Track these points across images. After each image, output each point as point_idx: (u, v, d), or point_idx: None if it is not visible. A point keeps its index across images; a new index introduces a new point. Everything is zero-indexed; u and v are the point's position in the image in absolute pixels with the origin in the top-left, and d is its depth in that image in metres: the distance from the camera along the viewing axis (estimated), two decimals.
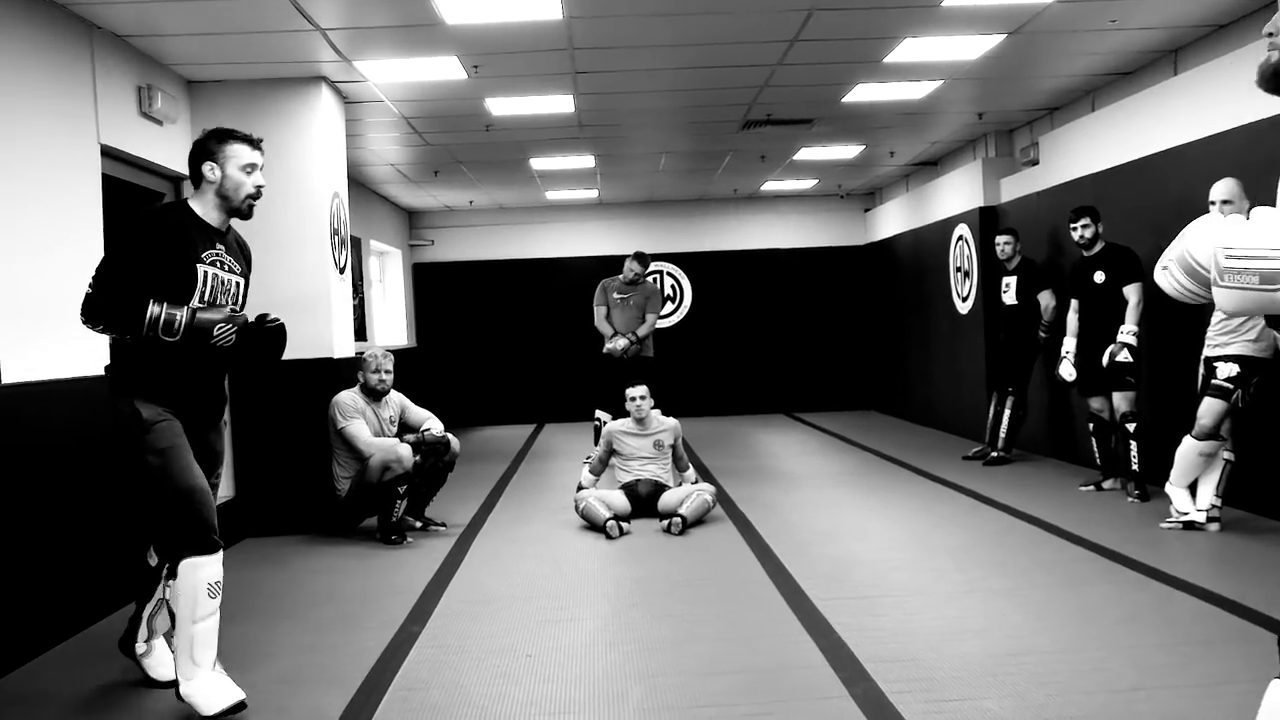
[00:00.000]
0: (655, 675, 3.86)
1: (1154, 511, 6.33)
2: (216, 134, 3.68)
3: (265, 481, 6.79)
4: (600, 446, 7.14)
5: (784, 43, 6.58)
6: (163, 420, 3.54)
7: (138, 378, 3.58)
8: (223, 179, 3.61)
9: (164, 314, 3.44)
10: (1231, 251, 1.99)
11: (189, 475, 3.52)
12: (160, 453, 3.52)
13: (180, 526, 3.52)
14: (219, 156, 3.62)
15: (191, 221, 3.60)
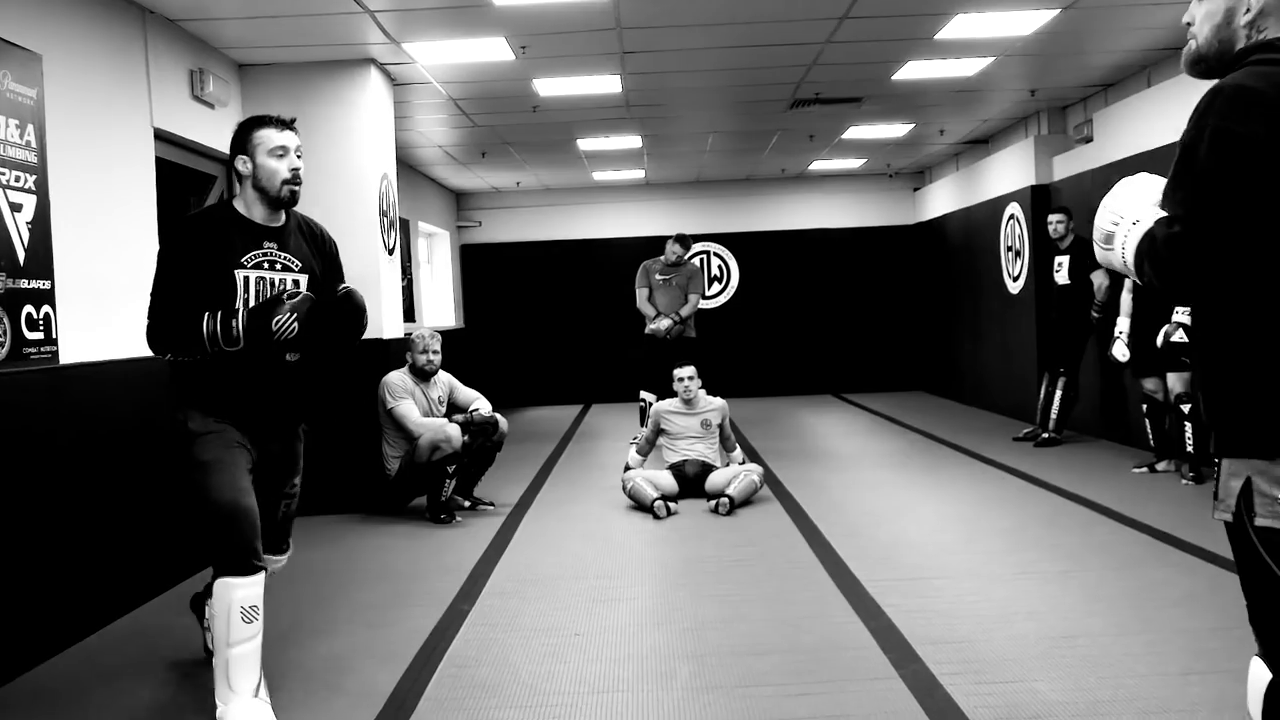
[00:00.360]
0: (703, 655, 3.87)
1: (1208, 494, 6.23)
2: (244, 124, 3.45)
3: (315, 461, 6.82)
4: (648, 427, 7.15)
5: (833, 20, 6.52)
6: (210, 433, 3.32)
7: (190, 387, 3.40)
8: (255, 169, 3.37)
9: (218, 326, 3.23)
10: (1098, 214, 2.10)
11: (228, 491, 3.26)
12: (201, 466, 3.30)
13: (215, 545, 3.29)
14: (248, 146, 3.38)
15: (232, 223, 3.35)
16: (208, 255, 3.28)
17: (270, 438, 3.48)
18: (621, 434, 10.17)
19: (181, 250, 3.30)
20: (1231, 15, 2.03)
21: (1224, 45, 2.06)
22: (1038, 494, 6.62)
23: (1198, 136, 1.90)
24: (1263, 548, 1.93)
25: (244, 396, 3.38)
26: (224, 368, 3.31)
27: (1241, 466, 1.93)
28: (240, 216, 3.38)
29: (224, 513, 3.25)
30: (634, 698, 3.49)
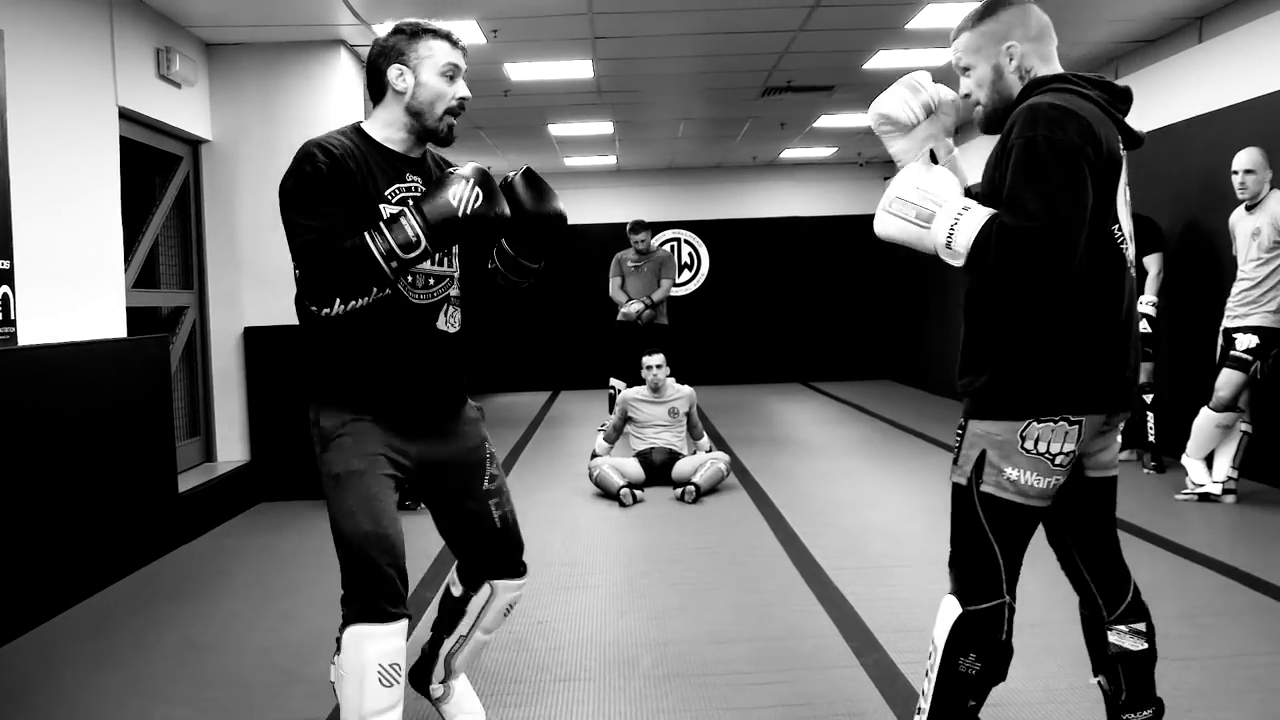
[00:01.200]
0: (666, 643, 3.88)
1: (1171, 483, 6.31)
2: (404, 29, 2.67)
3: (281, 446, 6.82)
4: (615, 414, 7.14)
5: (805, 8, 6.52)
6: (344, 434, 2.62)
7: (319, 373, 2.68)
8: (415, 87, 2.62)
9: (390, 237, 2.47)
10: (903, 191, 2.38)
11: (363, 516, 2.56)
12: (332, 480, 2.61)
13: (347, 582, 2.60)
14: (410, 57, 2.63)
15: (369, 150, 2.63)
16: (351, 185, 2.55)
17: (429, 427, 2.75)
18: (590, 421, 10.17)
19: (322, 178, 2.52)
20: (1000, 71, 2.45)
21: (1004, 96, 2.45)
22: None
23: (1033, 146, 2.22)
24: (981, 508, 2.40)
25: (391, 374, 2.65)
26: (364, 339, 2.61)
27: (980, 441, 2.39)
28: (377, 143, 2.66)
29: (355, 543, 2.56)
30: (596, 686, 3.50)
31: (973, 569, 2.42)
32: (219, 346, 6.80)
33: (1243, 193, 5.69)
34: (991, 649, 2.40)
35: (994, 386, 2.37)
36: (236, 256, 6.77)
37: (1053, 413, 2.33)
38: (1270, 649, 3.61)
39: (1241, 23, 6.52)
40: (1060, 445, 2.34)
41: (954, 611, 2.42)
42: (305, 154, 2.54)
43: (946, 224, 2.29)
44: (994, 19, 2.46)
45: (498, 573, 2.95)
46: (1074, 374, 2.33)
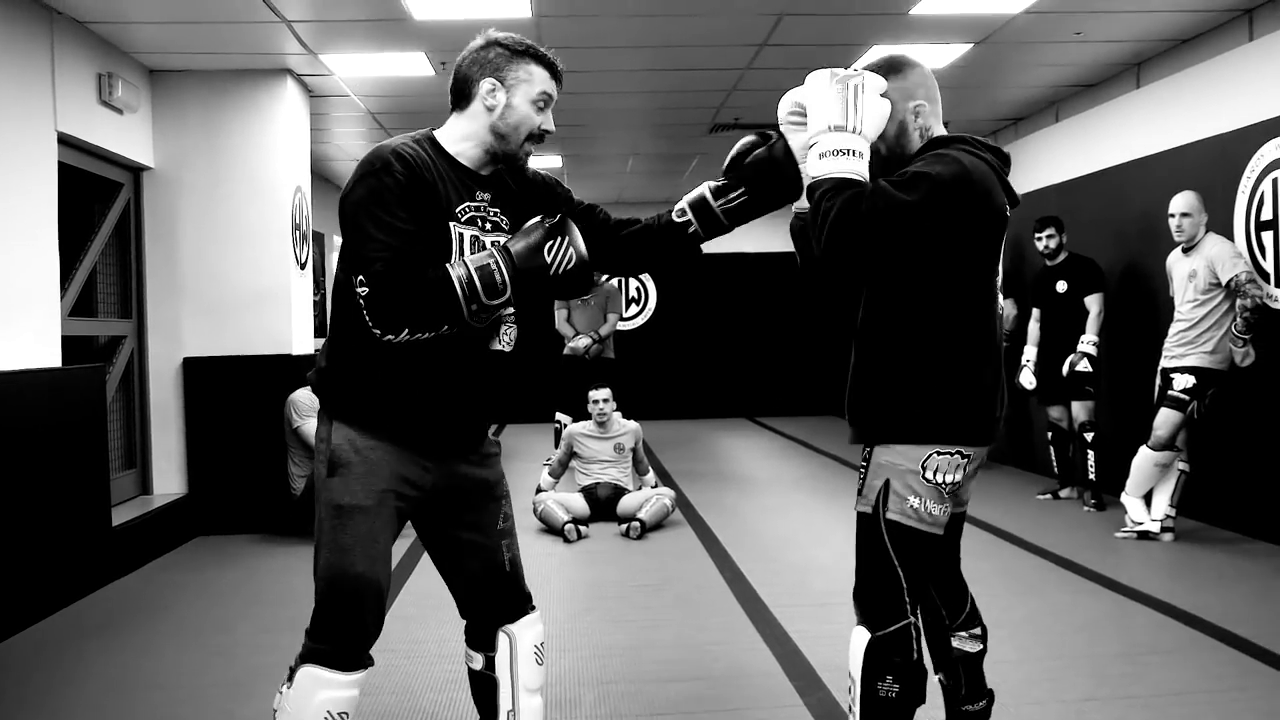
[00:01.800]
0: (609, 682, 3.83)
1: (1110, 521, 6.37)
2: (507, 44, 2.51)
3: (218, 479, 6.70)
4: (560, 449, 7.10)
5: (753, 46, 6.58)
6: (357, 463, 2.42)
7: (344, 385, 2.47)
8: (505, 109, 2.47)
9: (476, 278, 2.32)
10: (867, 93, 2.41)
11: (360, 557, 2.40)
12: (335, 512, 2.41)
13: (320, 621, 2.44)
14: (507, 76, 2.48)
15: (443, 163, 2.46)
16: (427, 199, 2.39)
17: (456, 451, 2.57)
18: (535, 455, 10.10)
19: (400, 188, 2.34)
20: (905, 127, 2.56)
21: (904, 150, 2.57)
22: None
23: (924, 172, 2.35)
24: (888, 535, 2.50)
25: (436, 394, 2.47)
26: (412, 355, 2.40)
27: (884, 470, 2.50)
28: (450, 156, 2.49)
29: (346, 584, 2.39)
30: None
31: (878, 595, 2.51)
32: (157, 377, 6.68)
33: (1179, 235, 5.80)
34: (906, 670, 2.48)
35: (898, 414, 2.50)
36: (177, 285, 6.67)
37: (951, 443, 2.48)
38: (1209, 686, 3.64)
39: (1177, 70, 6.68)
40: (952, 476, 2.49)
41: (864, 639, 2.51)
42: (381, 160, 2.37)
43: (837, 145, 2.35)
44: (902, 76, 2.56)
45: (508, 615, 2.70)
46: (966, 407, 2.50)
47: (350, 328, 2.42)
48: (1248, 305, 5.44)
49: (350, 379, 2.46)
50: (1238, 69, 6.06)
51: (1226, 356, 5.63)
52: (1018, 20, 6.12)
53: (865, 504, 2.55)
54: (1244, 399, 5.81)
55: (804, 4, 5.75)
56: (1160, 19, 6.19)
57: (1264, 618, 4.40)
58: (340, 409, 2.47)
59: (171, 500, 6.51)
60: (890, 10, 5.92)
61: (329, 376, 2.50)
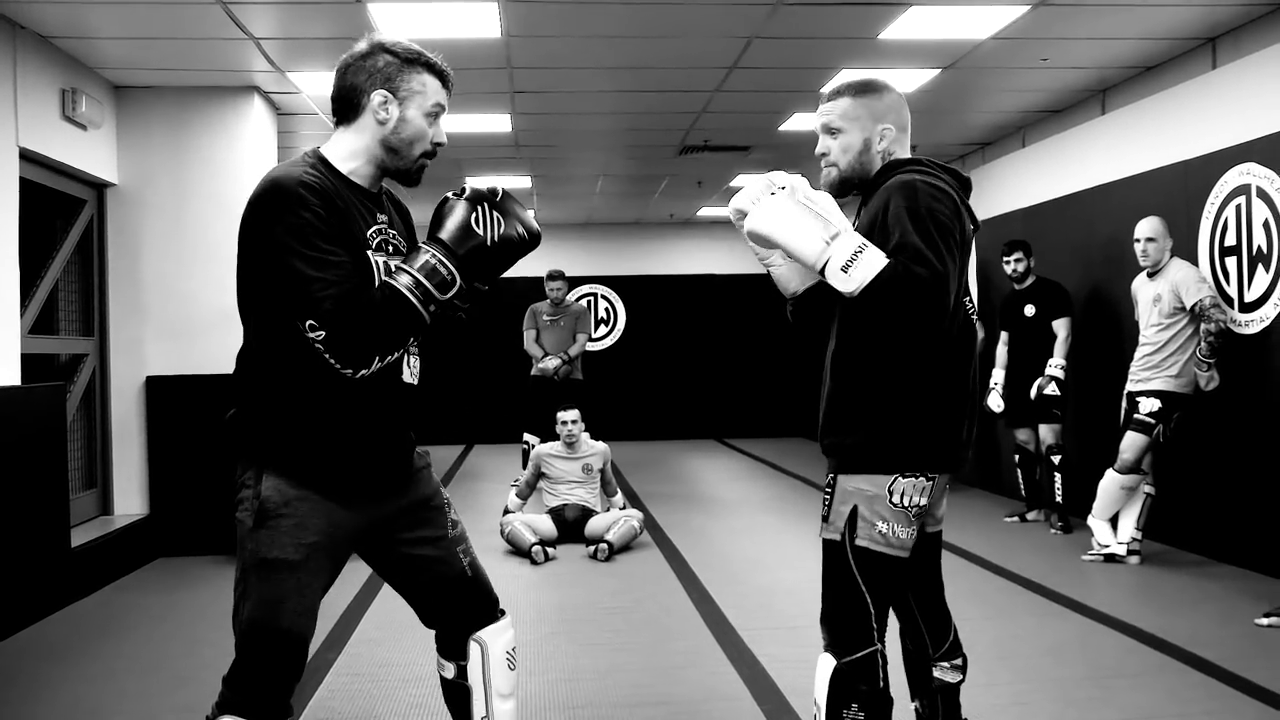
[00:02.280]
0: (577, 706, 3.79)
1: (1076, 543, 6.39)
2: (398, 52, 2.36)
3: (181, 499, 6.61)
4: (529, 469, 7.05)
5: (723, 69, 6.60)
6: (285, 514, 2.29)
7: (268, 432, 2.33)
8: (399, 122, 2.34)
9: (423, 279, 2.23)
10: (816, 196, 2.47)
11: (288, 613, 2.29)
12: (262, 566, 2.29)
13: (244, 676, 2.32)
14: (399, 87, 2.34)
15: (344, 187, 2.32)
16: (344, 227, 2.26)
17: (382, 486, 2.46)
18: (503, 476, 10.05)
19: (322, 220, 2.21)
20: (869, 145, 2.61)
21: (864, 169, 2.63)
22: None
23: (918, 214, 2.40)
24: (855, 562, 2.50)
25: (355, 433, 2.35)
26: (325, 395, 2.28)
27: (851, 497, 2.50)
28: (344, 176, 2.34)
29: (268, 637, 2.29)
30: None
31: (845, 621, 2.51)
32: (119, 396, 6.59)
33: (1144, 260, 5.85)
34: (871, 698, 2.48)
35: (866, 444, 2.51)
36: (141, 304, 6.59)
37: (916, 469, 2.50)
38: (1176, 710, 3.64)
39: (1142, 97, 6.75)
40: (918, 499, 2.51)
41: (830, 665, 2.51)
42: (291, 194, 2.20)
43: (849, 250, 2.35)
44: (877, 97, 2.63)
45: (477, 622, 2.61)
46: (933, 435, 2.51)
47: (267, 370, 2.31)
48: (1212, 330, 5.49)
49: (274, 426, 2.31)
50: (1201, 96, 6.13)
51: (1191, 380, 5.67)
52: (985, 46, 6.17)
53: (832, 531, 2.55)
54: (1209, 422, 5.85)
55: (773, 27, 5.77)
56: (1125, 46, 6.26)
57: (1230, 640, 4.42)
58: (267, 457, 2.32)
59: (133, 521, 6.41)
60: (859, 35, 5.95)
61: (249, 422, 2.35)
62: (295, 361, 2.24)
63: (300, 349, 2.20)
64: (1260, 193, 5.55)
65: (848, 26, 5.83)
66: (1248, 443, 5.64)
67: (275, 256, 2.19)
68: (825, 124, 2.65)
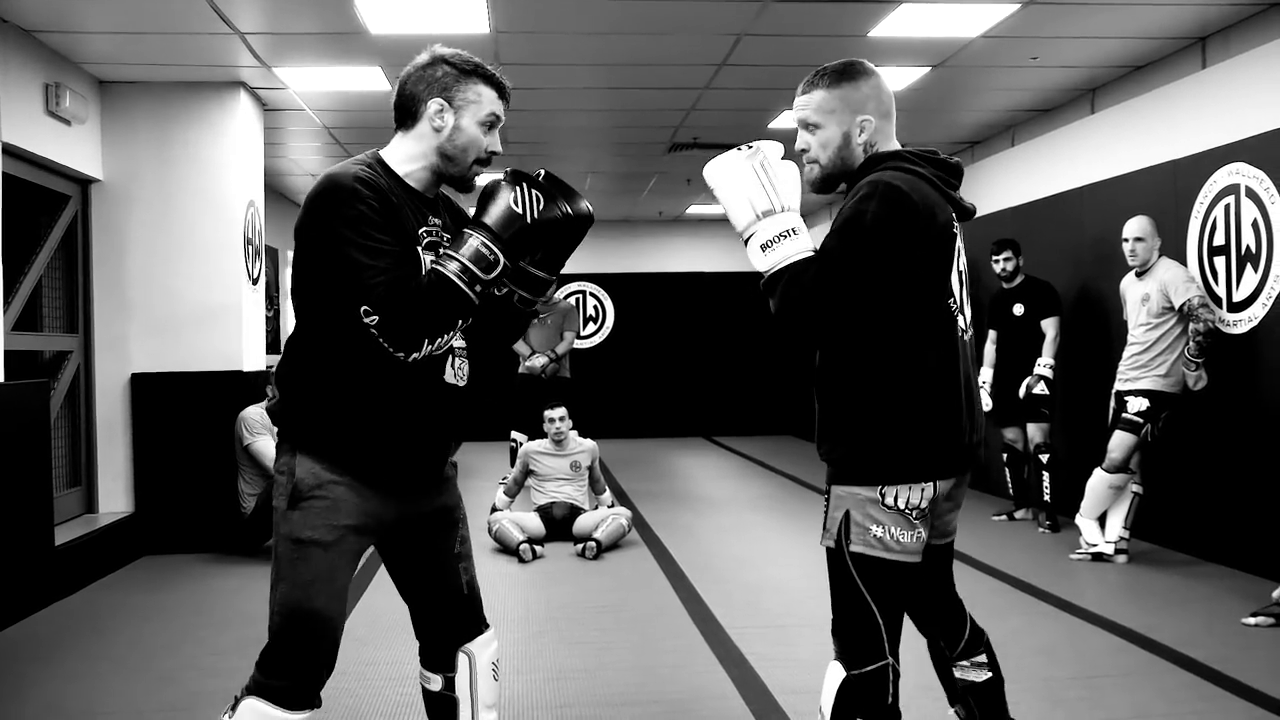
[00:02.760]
0: (565, 705, 3.78)
1: (1064, 542, 6.40)
2: (455, 62, 2.45)
3: (167, 497, 6.57)
4: (516, 467, 7.03)
5: (712, 66, 6.58)
6: (320, 496, 2.34)
7: (307, 418, 2.39)
8: (453, 130, 2.42)
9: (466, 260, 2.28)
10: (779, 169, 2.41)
11: (320, 595, 2.33)
12: (296, 546, 2.34)
13: (276, 653, 2.35)
14: (455, 96, 2.42)
15: (399, 189, 2.39)
16: (397, 222, 2.34)
17: (414, 485, 2.50)
18: (490, 474, 10.02)
19: (376, 213, 2.29)
20: (849, 139, 2.48)
21: (847, 164, 2.50)
22: None
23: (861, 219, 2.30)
24: (854, 568, 2.39)
25: (391, 430, 2.40)
26: (366, 390, 2.35)
27: (844, 502, 2.42)
28: (400, 178, 2.43)
29: (302, 619, 2.33)
30: None
31: (854, 631, 2.40)
32: (104, 393, 6.54)
33: (1133, 259, 5.85)
34: (878, 713, 2.38)
35: (853, 456, 2.42)
36: (125, 300, 6.55)
37: (907, 479, 2.39)
38: (1164, 709, 3.64)
39: (1131, 96, 6.75)
40: (917, 499, 2.39)
41: (839, 676, 2.41)
42: (346, 188, 2.28)
43: (776, 229, 2.34)
44: (854, 86, 2.49)
45: (464, 636, 2.62)
46: (923, 443, 2.39)
47: (314, 358, 2.38)
48: (1200, 329, 5.49)
49: (315, 411, 2.38)
50: (1191, 96, 6.14)
51: (1179, 380, 5.68)
52: (975, 45, 6.16)
53: (829, 538, 2.45)
54: (1197, 422, 5.86)
55: (763, 25, 5.76)
56: (1115, 46, 6.26)
57: (1217, 640, 4.42)
58: (304, 441, 2.38)
59: (117, 519, 6.37)
60: (849, 33, 5.94)
61: (292, 407, 2.42)
62: (343, 350, 2.31)
63: (350, 338, 2.26)
64: (1249, 192, 5.56)
65: (837, 24, 5.82)
66: (1236, 442, 5.64)
67: (333, 247, 2.27)
68: (802, 119, 2.54)
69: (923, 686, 3.88)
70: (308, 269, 2.35)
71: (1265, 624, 4.62)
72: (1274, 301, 5.37)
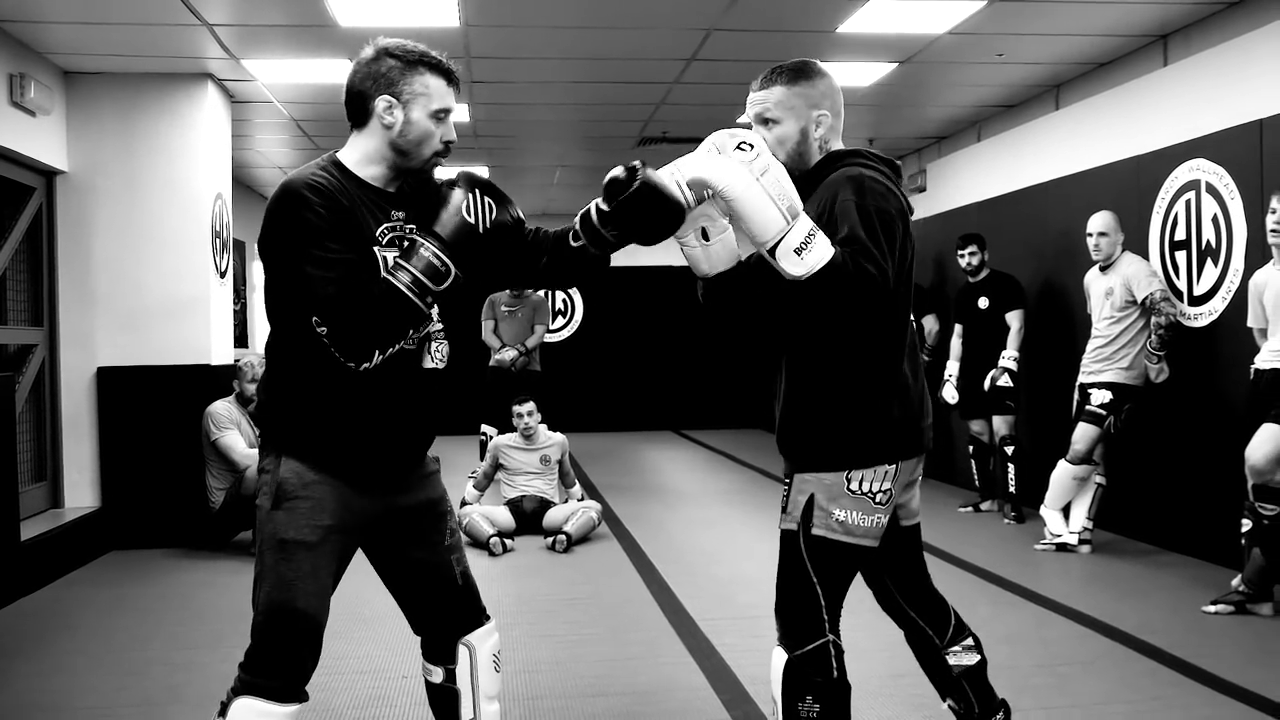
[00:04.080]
0: (536, 697, 3.80)
1: (1029, 533, 6.48)
2: (399, 54, 2.40)
3: (133, 491, 6.53)
4: (486, 461, 7.04)
5: (682, 61, 6.60)
6: (304, 497, 2.36)
7: (288, 417, 2.41)
8: (404, 124, 2.38)
9: (416, 271, 2.27)
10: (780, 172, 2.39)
11: (303, 594, 2.35)
12: (280, 547, 2.35)
13: (260, 652, 2.37)
14: (402, 90, 2.38)
15: (354, 187, 2.38)
16: (349, 226, 2.32)
17: (397, 478, 2.52)
18: (460, 468, 10.00)
19: (325, 222, 2.28)
20: (806, 135, 2.55)
21: (803, 160, 2.57)
22: None
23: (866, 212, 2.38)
24: (807, 551, 2.50)
25: (373, 420, 2.41)
26: (344, 382, 2.34)
27: (809, 486, 2.51)
28: (358, 179, 2.40)
29: (284, 619, 2.34)
30: None
31: (797, 612, 2.51)
32: (70, 387, 6.49)
33: (1096, 254, 5.93)
34: (826, 690, 2.46)
35: (820, 442, 2.52)
36: (91, 293, 6.49)
37: (873, 463, 2.49)
38: (1128, 696, 3.71)
39: (1095, 92, 6.84)
40: (881, 484, 2.49)
41: (782, 660, 2.50)
42: (296, 197, 2.28)
43: (804, 232, 2.31)
44: (811, 84, 2.55)
45: (465, 628, 2.64)
46: (887, 427, 2.50)
47: (290, 362, 2.40)
48: (1162, 323, 5.57)
49: (294, 412, 2.40)
50: (1153, 93, 6.22)
51: (1142, 372, 5.76)
52: (941, 41, 6.22)
53: (790, 521, 2.53)
54: (1159, 414, 5.95)
55: (732, 20, 5.78)
56: (1078, 43, 6.34)
57: (1178, 628, 4.50)
58: (287, 442, 2.40)
59: (84, 514, 6.32)
60: (817, 28, 5.98)
61: (272, 410, 2.44)
62: (313, 352, 2.31)
63: (316, 341, 2.28)
64: (1209, 188, 5.64)
65: (807, 19, 5.86)
66: (1197, 434, 5.73)
67: (285, 258, 2.30)
68: (759, 114, 2.57)
69: (895, 675, 3.94)
70: (270, 278, 2.37)
71: (1225, 611, 4.70)
72: (1233, 295, 5.45)
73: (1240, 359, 5.19)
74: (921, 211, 9.21)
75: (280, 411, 2.42)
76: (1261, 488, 4.49)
